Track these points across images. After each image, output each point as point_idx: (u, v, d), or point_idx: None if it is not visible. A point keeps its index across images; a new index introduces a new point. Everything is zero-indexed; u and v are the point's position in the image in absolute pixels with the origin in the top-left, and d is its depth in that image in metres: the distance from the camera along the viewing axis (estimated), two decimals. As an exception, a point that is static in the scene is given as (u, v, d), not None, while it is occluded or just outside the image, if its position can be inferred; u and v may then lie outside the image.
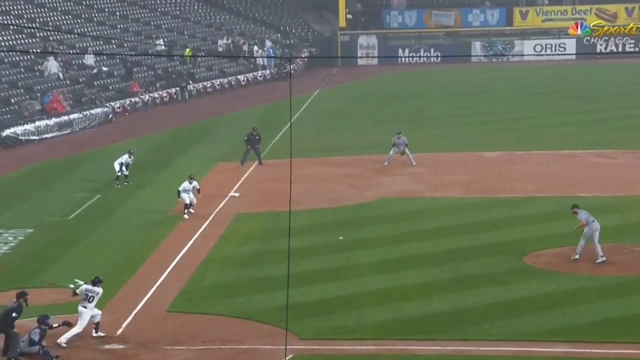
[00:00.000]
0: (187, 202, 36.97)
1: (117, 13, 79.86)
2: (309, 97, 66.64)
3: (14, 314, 24.06)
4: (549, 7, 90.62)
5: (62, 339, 24.50)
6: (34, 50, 65.85)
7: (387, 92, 71.76)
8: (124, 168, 42.41)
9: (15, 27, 68.16)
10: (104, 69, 68.59)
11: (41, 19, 72.31)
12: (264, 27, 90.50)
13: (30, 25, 69.34)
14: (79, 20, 75.36)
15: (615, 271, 29.46)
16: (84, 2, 78.39)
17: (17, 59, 64.62)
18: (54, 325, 24.32)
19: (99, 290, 25.22)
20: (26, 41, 68.54)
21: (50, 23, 72.23)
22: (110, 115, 61.70)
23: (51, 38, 70.40)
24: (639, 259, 30.67)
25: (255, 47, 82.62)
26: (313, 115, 60.15)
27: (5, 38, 66.64)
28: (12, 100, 58.97)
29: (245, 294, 28.09)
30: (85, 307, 24.92)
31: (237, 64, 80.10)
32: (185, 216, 36.83)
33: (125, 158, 42.58)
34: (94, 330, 25.04)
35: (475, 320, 25.57)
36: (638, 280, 28.63)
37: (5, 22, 68.37)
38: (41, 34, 69.71)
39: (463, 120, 57.69)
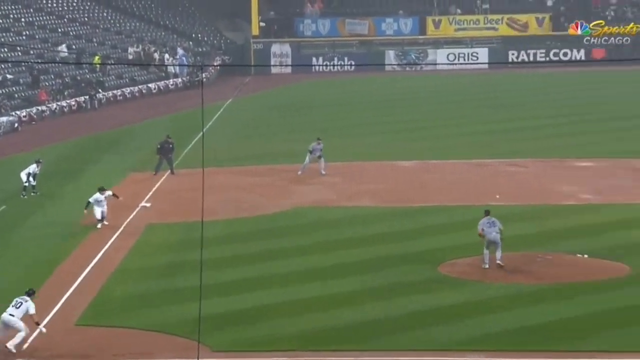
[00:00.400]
0: (99, 216, 36.16)
1: (23, 20, 78.18)
2: (221, 106, 66.13)
3: None
4: (461, 17, 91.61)
5: (10, 344, 23.87)
6: (-63, 57, 64.23)
7: (300, 101, 71.62)
8: (31, 178, 41.46)
9: None
10: (9, 76, 67.10)
11: (-55, 25, 70.60)
12: (176, 35, 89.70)
13: None
14: (-17, 27, 73.74)
15: (529, 279, 29.62)
16: (-12, 9, 76.78)
17: None
18: None
19: (29, 300, 24.53)
20: None
21: (-46, 29, 70.62)
22: (16, 124, 60.46)
23: (-45, 45, 68.81)
24: (552, 267, 30.87)
25: (167, 55, 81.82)
26: (226, 124, 59.69)
27: None
28: None
29: (157, 306, 27.53)
30: (12, 315, 24.19)
31: (148, 72, 79.18)
32: (99, 226, 36.08)
33: (32, 168, 41.63)
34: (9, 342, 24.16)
35: (388, 331, 25.37)
36: (551, 289, 28.80)
37: None
38: (-55, 41, 68.07)
39: (377, 129, 57.79)
